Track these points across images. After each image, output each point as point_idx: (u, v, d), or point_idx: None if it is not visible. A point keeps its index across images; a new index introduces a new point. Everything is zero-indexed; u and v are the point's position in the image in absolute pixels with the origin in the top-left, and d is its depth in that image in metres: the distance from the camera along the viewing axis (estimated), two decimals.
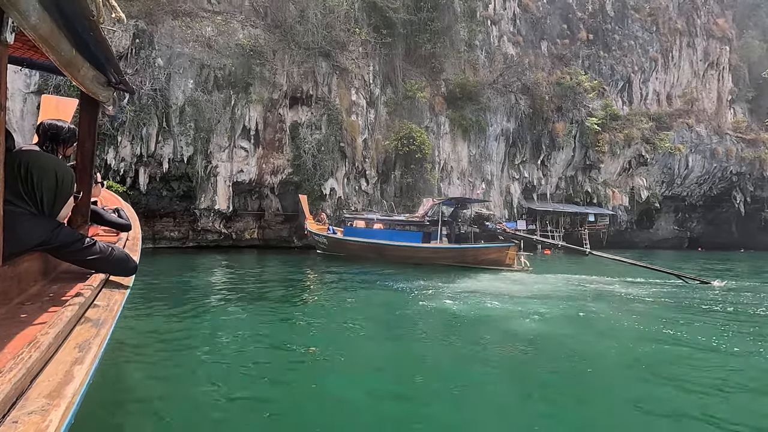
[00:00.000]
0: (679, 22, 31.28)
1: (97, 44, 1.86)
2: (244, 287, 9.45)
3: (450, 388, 3.71)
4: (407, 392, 3.66)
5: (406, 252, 14.95)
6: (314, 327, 5.95)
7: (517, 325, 6.08)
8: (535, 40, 29.46)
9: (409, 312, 6.95)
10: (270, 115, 20.67)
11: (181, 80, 18.22)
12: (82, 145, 2.49)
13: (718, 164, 29.93)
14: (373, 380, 3.93)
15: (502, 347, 5.10)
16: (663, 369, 4.23)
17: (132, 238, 3.04)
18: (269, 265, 15.71)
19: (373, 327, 6.04)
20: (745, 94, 32.11)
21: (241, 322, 6.06)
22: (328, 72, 21.50)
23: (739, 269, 16.46)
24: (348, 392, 3.58)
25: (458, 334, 5.71)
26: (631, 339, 5.36)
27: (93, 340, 1.38)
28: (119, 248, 2.21)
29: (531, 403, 3.50)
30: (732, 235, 35.41)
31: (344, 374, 4.05)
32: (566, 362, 4.48)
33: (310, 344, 5.08)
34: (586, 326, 6.16)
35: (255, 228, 22.91)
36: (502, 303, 7.72)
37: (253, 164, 20.49)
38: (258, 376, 3.94)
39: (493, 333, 5.69)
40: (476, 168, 25.87)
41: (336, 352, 4.74)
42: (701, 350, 4.96)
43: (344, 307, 7.46)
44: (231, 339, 5.19)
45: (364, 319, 6.42)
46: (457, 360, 4.54)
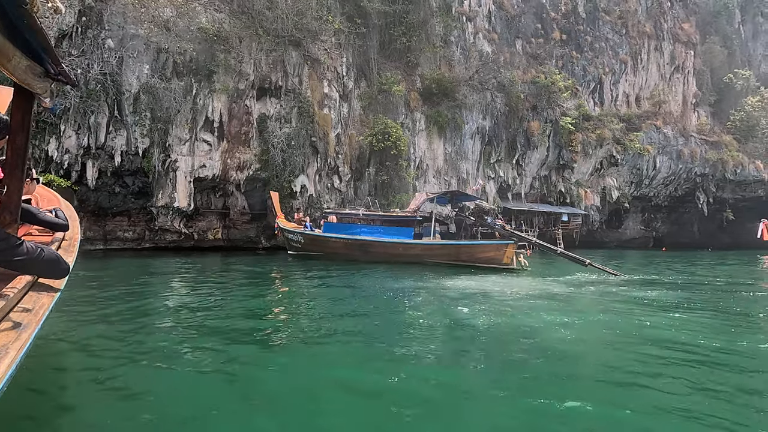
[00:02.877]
0: (647, 26, 31.94)
1: (32, 33, 1.78)
2: (206, 293, 8.25)
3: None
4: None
5: (395, 249, 13.89)
6: (288, 345, 4.92)
7: (546, 340, 5.27)
8: (510, 39, 29.26)
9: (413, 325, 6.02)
10: (235, 107, 19.27)
11: (136, 65, 16.58)
12: (13, 139, 2.34)
13: (684, 165, 30.71)
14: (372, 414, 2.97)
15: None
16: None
17: (69, 239, 3.00)
18: (235, 267, 14.41)
19: (364, 347, 5.06)
20: (708, 98, 33.18)
21: (199, 337, 4.94)
22: (298, 62, 20.30)
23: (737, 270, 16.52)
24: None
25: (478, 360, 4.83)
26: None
27: (12, 344, 1.35)
28: (50, 249, 2.17)
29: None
30: (694, 235, 36.59)
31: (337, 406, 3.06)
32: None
33: (283, 372, 4.05)
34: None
35: (219, 228, 21.38)
36: (521, 313, 6.91)
37: (217, 159, 19.04)
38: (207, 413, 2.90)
39: (512, 351, 4.84)
40: (452, 166, 25.29)
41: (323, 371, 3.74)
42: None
43: (325, 316, 6.44)
44: (183, 357, 4.09)
45: (349, 336, 5.43)
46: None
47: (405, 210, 15.34)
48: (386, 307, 7.27)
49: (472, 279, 10.65)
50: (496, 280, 10.42)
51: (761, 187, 32.57)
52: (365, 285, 9.92)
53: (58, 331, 4.95)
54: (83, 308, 6.51)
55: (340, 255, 14.54)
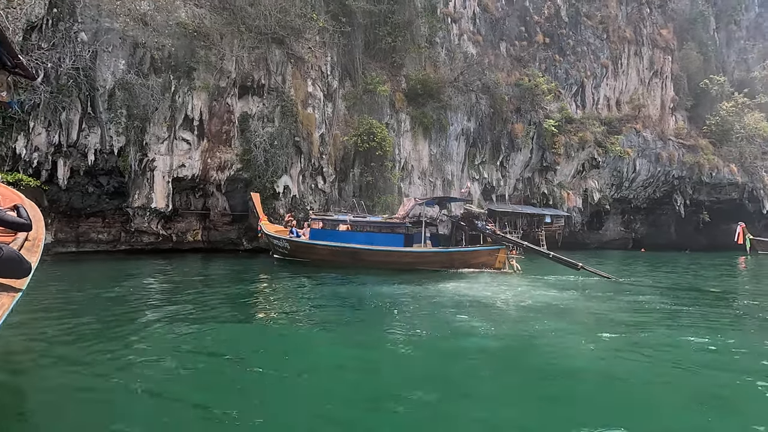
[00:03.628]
0: (628, 31, 32.52)
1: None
2: (184, 301, 7.85)
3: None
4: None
5: (386, 257, 13.57)
6: (270, 356, 4.63)
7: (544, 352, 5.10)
8: (495, 41, 29.37)
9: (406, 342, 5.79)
10: (216, 105, 18.75)
11: (111, 60, 15.93)
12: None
13: (662, 168, 31.34)
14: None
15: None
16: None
17: (33, 239, 3.04)
18: (216, 270, 13.95)
19: (355, 362, 4.82)
20: (685, 103, 33.97)
21: (175, 344, 4.60)
22: (282, 60, 19.88)
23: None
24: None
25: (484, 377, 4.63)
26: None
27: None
28: (10, 248, 2.18)
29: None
30: (671, 236, 37.39)
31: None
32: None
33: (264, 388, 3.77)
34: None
35: (199, 229, 20.79)
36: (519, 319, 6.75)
37: (197, 158, 18.48)
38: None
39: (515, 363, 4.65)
40: (437, 168, 25.20)
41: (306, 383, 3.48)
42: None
43: (312, 325, 6.16)
44: (155, 368, 3.77)
45: (338, 349, 5.18)
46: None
47: (394, 216, 15.05)
48: (378, 321, 7.04)
49: (465, 284, 10.47)
50: (490, 286, 10.27)
51: (735, 190, 33.49)
52: (354, 291, 9.65)
53: (18, 340, 4.56)
54: (44, 315, 6.08)
55: (328, 262, 14.19)
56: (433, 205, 15.97)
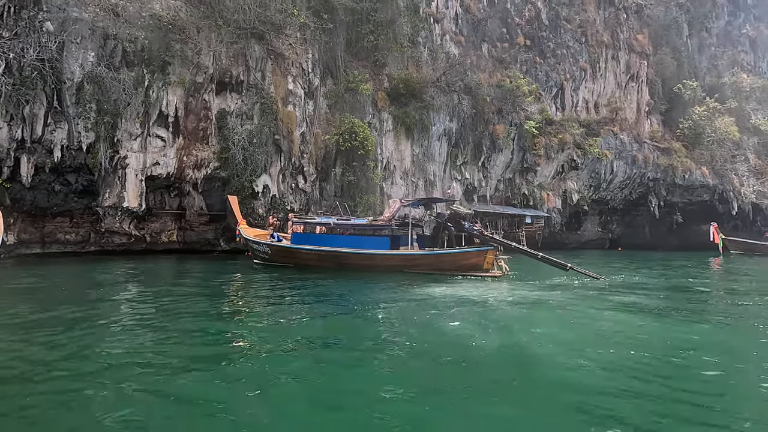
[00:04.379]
0: (605, 36, 33.14)
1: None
2: (155, 304, 7.41)
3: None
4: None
5: (372, 260, 13.21)
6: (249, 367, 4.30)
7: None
8: (477, 42, 29.45)
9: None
10: (193, 101, 18.12)
11: (79, 51, 15.16)
12: None
13: (638, 170, 32.04)
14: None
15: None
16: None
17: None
18: (192, 272, 13.43)
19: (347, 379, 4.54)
20: (660, 107, 34.83)
21: (143, 360, 4.23)
22: (261, 56, 19.37)
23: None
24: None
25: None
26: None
27: None
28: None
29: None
30: (645, 236, 38.33)
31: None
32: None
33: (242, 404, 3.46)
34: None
35: (174, 229, 20.09)
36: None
37: (172, 156, 17.82)
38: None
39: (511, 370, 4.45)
40: (419, 168, 25.06)
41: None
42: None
43: (291, 333, 5.84)
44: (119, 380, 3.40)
45: (323, 368, 4.90)
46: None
47: (379, 218, 14.74)
48: (363, 329, 6.77)
49: (454, 287, 10.29)
50: (480, 287, 10.12)
51: (706, 192, 34.55)
52: (338, 295, 9.36)
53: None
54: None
55: (312, 266, 13.78)
56: (419, 207, 15.76)
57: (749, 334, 6.17)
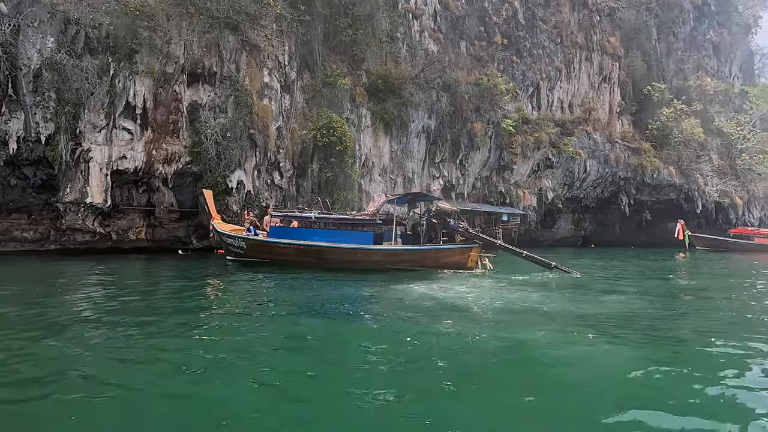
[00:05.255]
0: (579, 37, 33.76)
1: None
2: (121, 308, 6.89)
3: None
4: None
5: (354, 255, 12.85)
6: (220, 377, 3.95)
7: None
8: (455, 39, 29.45)
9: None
10: (162, 92, 17.30)
11: (36, 36, 14.19)
12: None
13: (610, 169, 32.86)
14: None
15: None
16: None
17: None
18: (161, 272, 12.78)
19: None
20: (630, 108, 35.82)
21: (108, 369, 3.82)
22: (235, 47, 18.70)
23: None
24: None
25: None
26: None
27: None
28: None
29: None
30: (616, 233, 39.46)
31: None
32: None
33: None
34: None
35: (142, 227, 19.21)
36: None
37: (140, 150, 16.98)
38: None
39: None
40: (398, 165, 24.87)
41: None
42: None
43: (267, 334, 5.49)
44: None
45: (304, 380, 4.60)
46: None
47: (363, 213, 14.42)
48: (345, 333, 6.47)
49: (438, 285, 10.11)
50: (464, 286, 9.96)
51: (673, 191, 35.82)
52: (320, 294, 9.02)
53: None
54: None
55: (290, 262, 13.30)
56: (404, 202, 15.54)
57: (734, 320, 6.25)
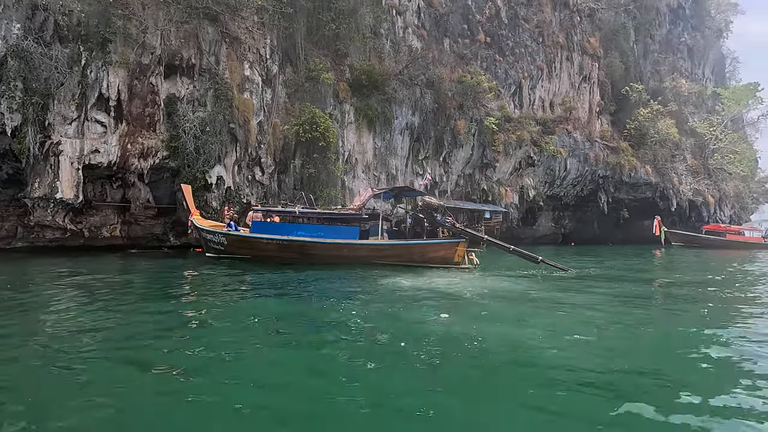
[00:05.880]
0: (561, 37, 34.17)
1: None
2: (91, 311, 6.52)
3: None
4: None
5: (340, 251, 12.63)
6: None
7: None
8: (439, 36, 29.40)
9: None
10: (138, 84, 16.68)
11: (1, 22, 13.43)
12: None
13: (589, 168, 33.44)
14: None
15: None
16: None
17: None
18: (137, 271, 12.29)
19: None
20: (609, 107, 36.51)
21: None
22: (215, 39, 18.17)
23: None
24: None
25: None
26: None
27: None
28: None
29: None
30: (594, 231, 40.25)
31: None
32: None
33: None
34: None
35: (117, 223, 18.54)
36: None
37: (114, 143, 16.33)
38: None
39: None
40: (381, 161, 24.69)
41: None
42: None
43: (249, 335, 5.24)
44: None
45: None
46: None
47: (349, 207, 14.22)
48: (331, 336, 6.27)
49: (426, 279, 9.99)
50: (453, 281, 9.87)
51: (649, 189, 36.73)
52: (305, 291, 8.78)
53: None
54: None
55: (272, 258, 12.97)
56: (390, 197, 15.40)
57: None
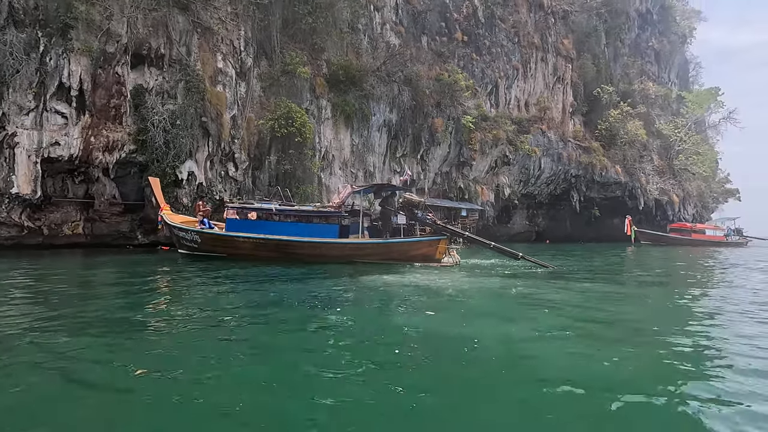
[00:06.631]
0: (536, 38, 34.72)
1: None
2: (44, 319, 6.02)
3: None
4: None
5: (319, 250, 12.34)
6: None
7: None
8: (417, 34, 29.31)
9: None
10: (102, 73, 15.84)
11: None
12: None
13: (563, 167, 34.16)
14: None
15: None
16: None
17: None
18: (101, 272, 11.63)
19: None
20: (582, 108, 37.41)
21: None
22: (186, 29, 17.47)
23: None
24: None
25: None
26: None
27: None
28: None
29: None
30: (567, 229, 41.22)
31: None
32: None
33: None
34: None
35: (80, 221, 17.61)
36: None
37: (76, 136, 15.47)
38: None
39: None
40: (359, 158, 24.42)
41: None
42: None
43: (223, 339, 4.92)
44: None
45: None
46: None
47: (328, 204, 13.88)
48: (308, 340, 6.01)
49: (407, 278, 9.82)
50: (433, 278, 9.74)
51: (619, 189, 37.87)
52: (285, 291, 8.45)
53: None
54: None
55: (249, 257, 12.53)
56: (370, 194, 15.16)
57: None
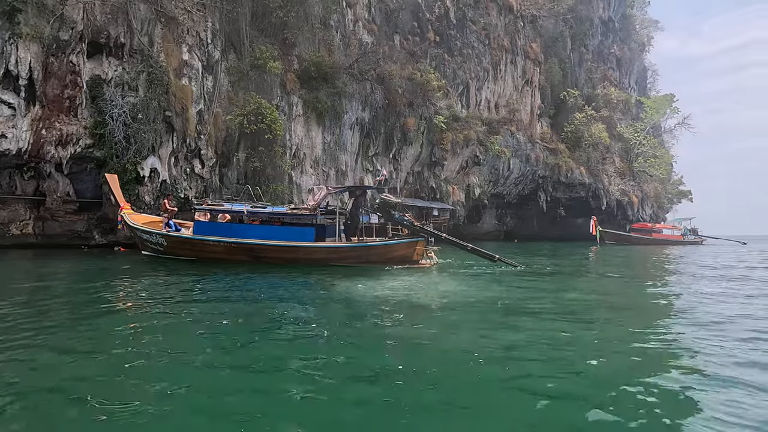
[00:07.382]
0: (506, 41, 35.36)
1: None
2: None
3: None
4: None
5: (295, 254, 11.87)
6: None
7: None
8: (389, 32, 29.21)
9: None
10: (55, 62, 14.82)
11: None
12: None
13: (530, 168, 34.98)
14: None
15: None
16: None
17: None
18: (56, 273, 10.81)
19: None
20: (549, 111, 38.46)
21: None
22: (148, 18, 16.60)
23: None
24: None
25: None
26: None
27: None
28: None
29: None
30: (534, 228, 42.32)
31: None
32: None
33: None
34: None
35: (29, 220, 16.43)
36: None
37: (25, 128, 14.41)
38: None
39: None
40: (331, 157, 24.05)
41: None
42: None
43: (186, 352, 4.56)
44: None
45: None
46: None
47: (302, 207, 13.45)
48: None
49: (384, 281, 9.62)
50: (412, 281, 9.59)
51: (583, 189, 39.17)
52: (256, 299, 8.06)
53: None
54: None
55: (219, 260, 11.95)
56: (343, 192, 14.85)
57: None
